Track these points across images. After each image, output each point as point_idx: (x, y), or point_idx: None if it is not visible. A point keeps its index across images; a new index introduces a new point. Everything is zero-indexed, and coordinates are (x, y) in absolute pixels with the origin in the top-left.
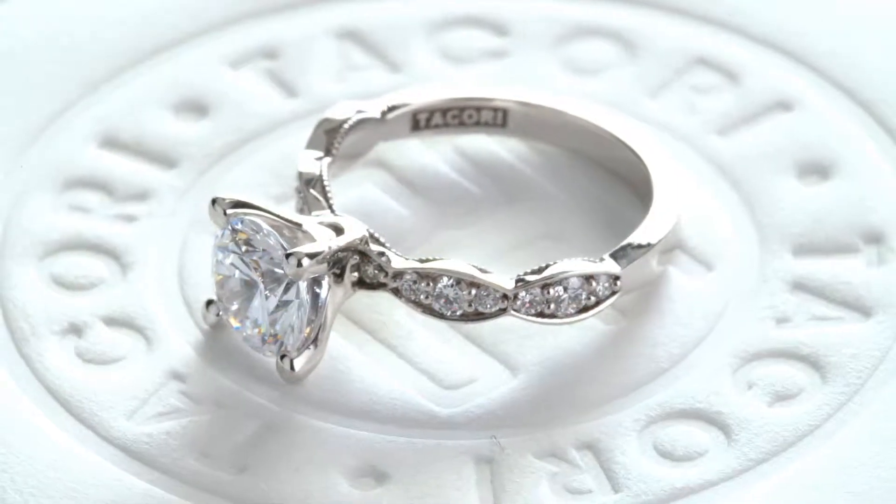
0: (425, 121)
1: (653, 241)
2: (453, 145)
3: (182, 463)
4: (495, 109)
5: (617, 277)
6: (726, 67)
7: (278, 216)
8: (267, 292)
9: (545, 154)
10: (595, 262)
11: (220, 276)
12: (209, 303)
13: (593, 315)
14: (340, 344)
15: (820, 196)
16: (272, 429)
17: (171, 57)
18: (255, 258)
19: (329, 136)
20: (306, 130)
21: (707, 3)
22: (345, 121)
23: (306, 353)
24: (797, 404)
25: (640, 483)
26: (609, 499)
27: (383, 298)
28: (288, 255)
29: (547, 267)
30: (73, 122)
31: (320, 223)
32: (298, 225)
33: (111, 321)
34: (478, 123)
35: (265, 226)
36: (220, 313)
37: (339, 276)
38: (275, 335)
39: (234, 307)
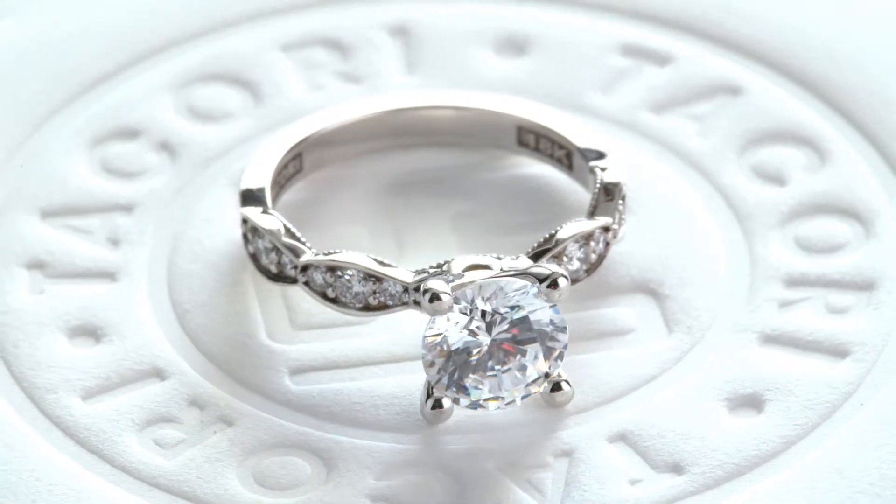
0: (273, 198)
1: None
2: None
3: None
4: (294, 157)
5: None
6: None
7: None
8: (538, 339)
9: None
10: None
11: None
12: (428, 397)
13: None
14: None
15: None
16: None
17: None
18: (491, 316)
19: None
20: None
21: None
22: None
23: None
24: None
25: (883, 279)
26: (872, 298)
27: None
28: (542, 280)
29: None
30: None
31: (469, 267)
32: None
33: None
34: (289, 179)
35: (482, 282)
36: (451, 399)
37: None
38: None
39: (490, 375)
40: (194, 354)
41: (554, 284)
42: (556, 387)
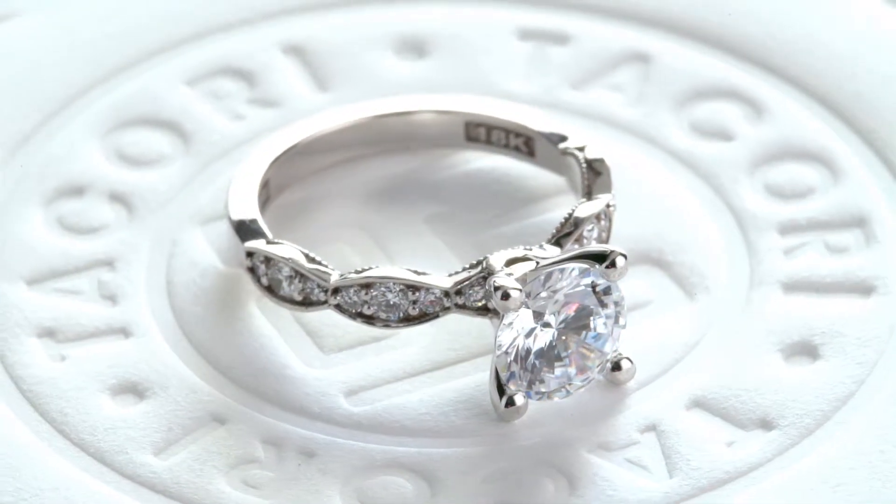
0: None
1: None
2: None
3: None
4: (263, 185)
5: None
6: None
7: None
8: (602, 320)
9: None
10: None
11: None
12: (502, 395)
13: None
14: None
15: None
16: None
17: None
18: (558, 303)
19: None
20: None
21: None
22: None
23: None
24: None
25: (869, 211)
26: (867, 232)
27: None
28: (600, 261)
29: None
30: None
31: (509, 261)
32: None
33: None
34: (263, 207)
35: (544, 272)
36: (525, 393)
37: None
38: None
39: (559, 365)
40: (241, 393)
41: (613, 264)
42: (617, 366)
